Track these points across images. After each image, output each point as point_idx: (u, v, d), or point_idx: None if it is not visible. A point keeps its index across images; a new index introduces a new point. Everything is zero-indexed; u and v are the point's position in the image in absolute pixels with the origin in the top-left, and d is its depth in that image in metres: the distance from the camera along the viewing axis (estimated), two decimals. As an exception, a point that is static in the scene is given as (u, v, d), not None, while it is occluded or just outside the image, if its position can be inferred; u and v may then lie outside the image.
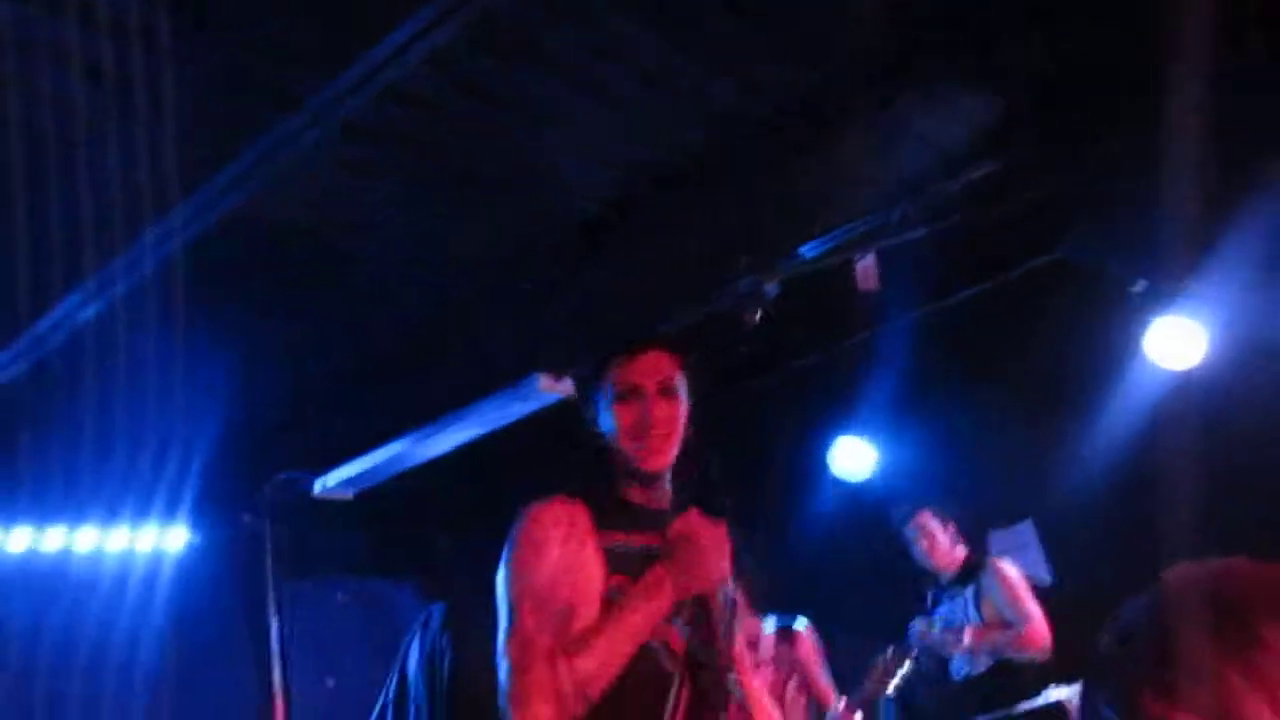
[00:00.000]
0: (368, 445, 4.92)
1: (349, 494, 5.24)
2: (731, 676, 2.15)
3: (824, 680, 4.16)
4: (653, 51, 2.90)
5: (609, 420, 2.15)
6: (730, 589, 2.23)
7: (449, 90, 2.82)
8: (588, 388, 2.23)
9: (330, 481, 5.12)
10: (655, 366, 2.15)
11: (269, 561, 5.00)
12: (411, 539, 5.86)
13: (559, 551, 2.04)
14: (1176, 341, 4.05)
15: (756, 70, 3.14)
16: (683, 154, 3.46)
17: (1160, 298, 4.05)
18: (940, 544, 4.40)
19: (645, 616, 2.00)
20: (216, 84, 2.57)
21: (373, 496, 5.28)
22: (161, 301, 3.34)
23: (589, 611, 2.01)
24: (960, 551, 4.42)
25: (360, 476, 5.08)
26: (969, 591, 4.36)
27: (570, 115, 3.08)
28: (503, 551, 2.10)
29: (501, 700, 1.95)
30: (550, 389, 4.33)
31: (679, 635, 2.09)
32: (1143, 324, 4.07)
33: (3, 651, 4.63)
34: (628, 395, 2.13)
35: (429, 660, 3.72)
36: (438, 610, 3.90)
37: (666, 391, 2.15)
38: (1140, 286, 4.10)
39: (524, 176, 3.36)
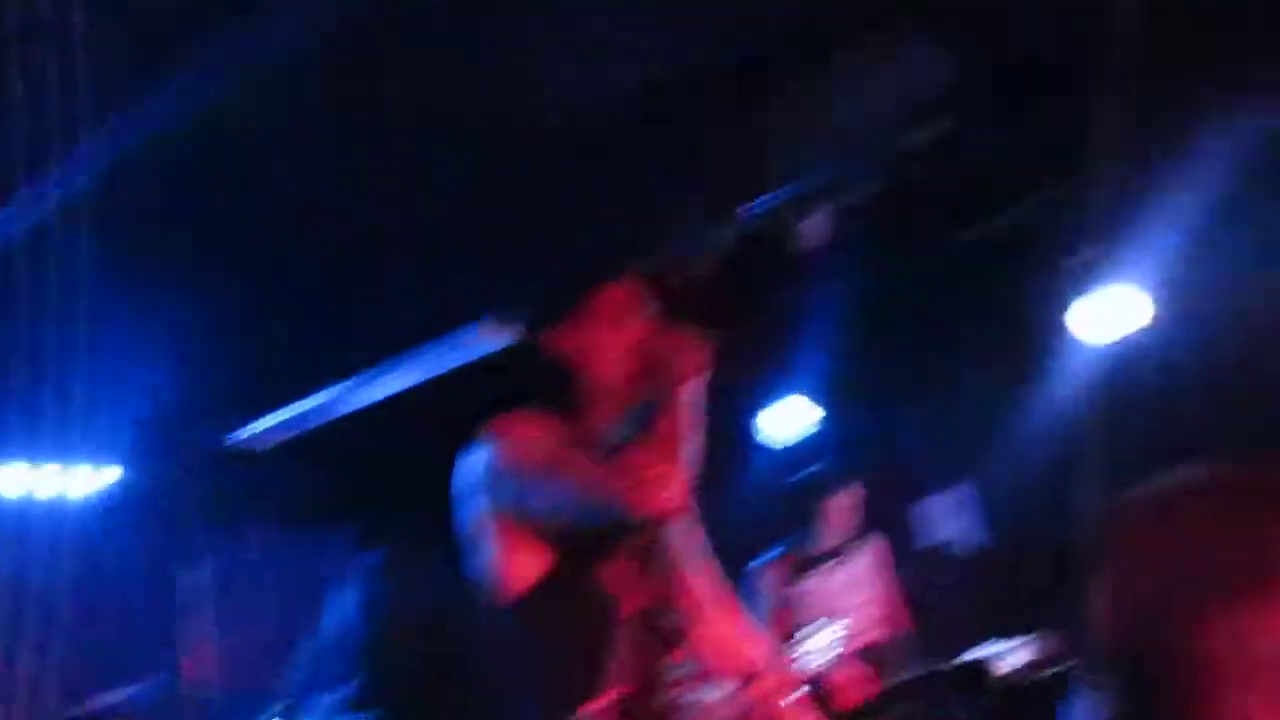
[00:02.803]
0: (299, 391, 4.79)
1: (278, 441, 5.11)
2: (676, 617, 2.12)
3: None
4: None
5: (599, 345, 2.09)
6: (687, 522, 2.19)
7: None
8: (565, 311, 2.15)
9: (258, 428, 4.99)
10: (640, 290, 2.12)
11: (189, 510, 4.89)
12: (345, 487, 5.74)
13: (555, 432, 2.01)
14: (1114, 310, 4.12)
15: (709, 22, 3.09)
16: (629, 101, 3.40)
17: (1099, 266, 4.11)
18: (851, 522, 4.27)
19: None
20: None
21: (304, 443, 5.15)
22: (68, 241, 3.20)
23: None
24: None
25: (290, 423, 4.95)
26: (845, 564, 4.25)
27: (526, 48, 2.99)
28: (489, 457, 2.03)
29: (617, 503, 1.90)
30: (490, 335, 4.25)
31: (622, 576, 2.05)
32: (1082, 291, 4.13)
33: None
34: (625, 317, 2.08)
35: (367, 607, 3.66)
36: (375, 558, 3.83)
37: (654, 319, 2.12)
38: (1082, 254, 4.15)
39: (467, 107, 3.26)
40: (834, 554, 4.20)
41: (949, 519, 4.69)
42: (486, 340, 4.21)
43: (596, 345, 2.11)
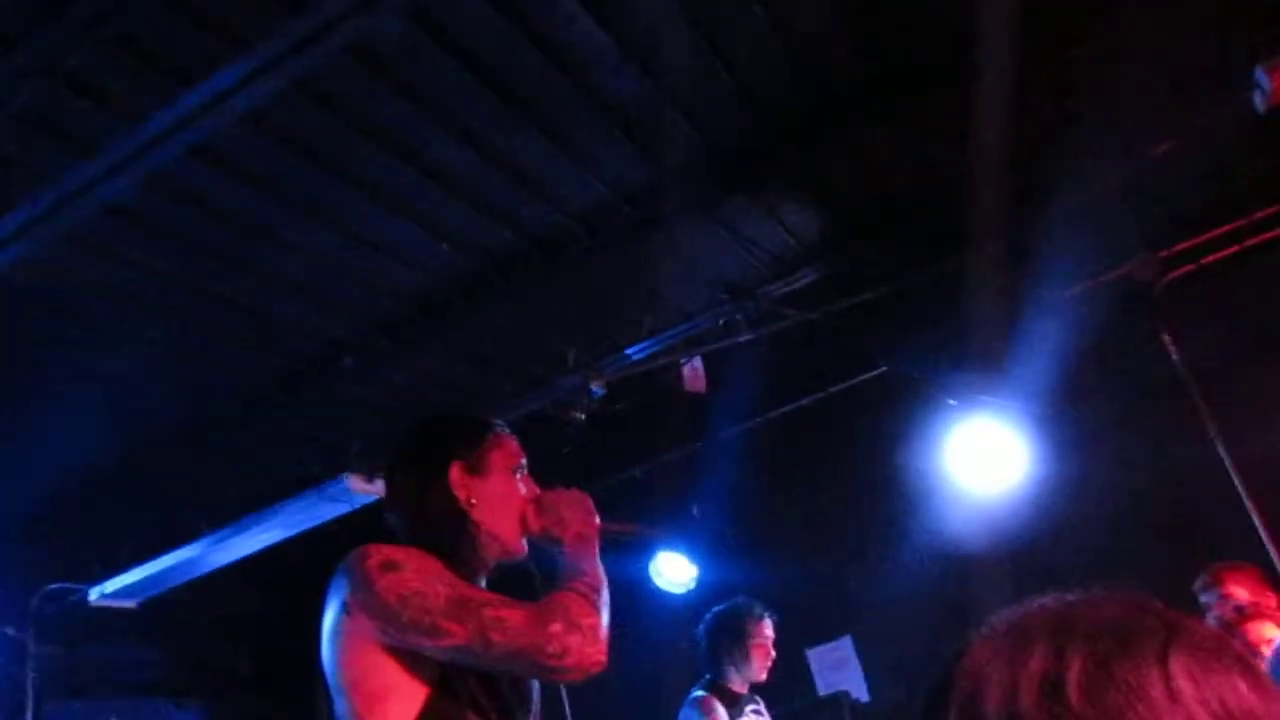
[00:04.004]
0: (155, 549, 4.50)
1: (132, 603, 4.77)
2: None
3: None
4: (479, 137, 2.83)
5: (492, 494, 2.01)
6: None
7: (265, 151, 2.66)
8: (449, 462, 2.05)
9: (109, 589, 4.65)
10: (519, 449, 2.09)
11: (31, 680, 4.50)
12: (203, 655, 5.38)
13: (420, 562, 1.87)
14: (984, 456, 4.17)
15: (588, 165, 3.11)
16: (506, 245, 3.38)
17: (971, 411, 4.17)
18: (771, 656, 4.26)
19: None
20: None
21: (159, 606, 4.82)
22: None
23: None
24: None
25: (145, 583, 4.63)
26: (759, 708, 4.25)
27: (397, 196, 2.96)
28: (359, 588, 1.86)
29: (549, 652, 1.78)
30: (362, 490, 4.09)
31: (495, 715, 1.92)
32: (955, 436, 4.18)
33: None
34: (518, 470, 2.05)
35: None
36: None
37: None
38: (954, 400, 4.22)
39: (334, 264, 3.20)
40: (757, 688, 4.19)
41: (829, 672, 4.59)
42: (352, 495, 4.05)
43: (486, 495, 2.04)
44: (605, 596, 1.92)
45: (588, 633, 1.80)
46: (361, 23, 2.10)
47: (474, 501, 2.03)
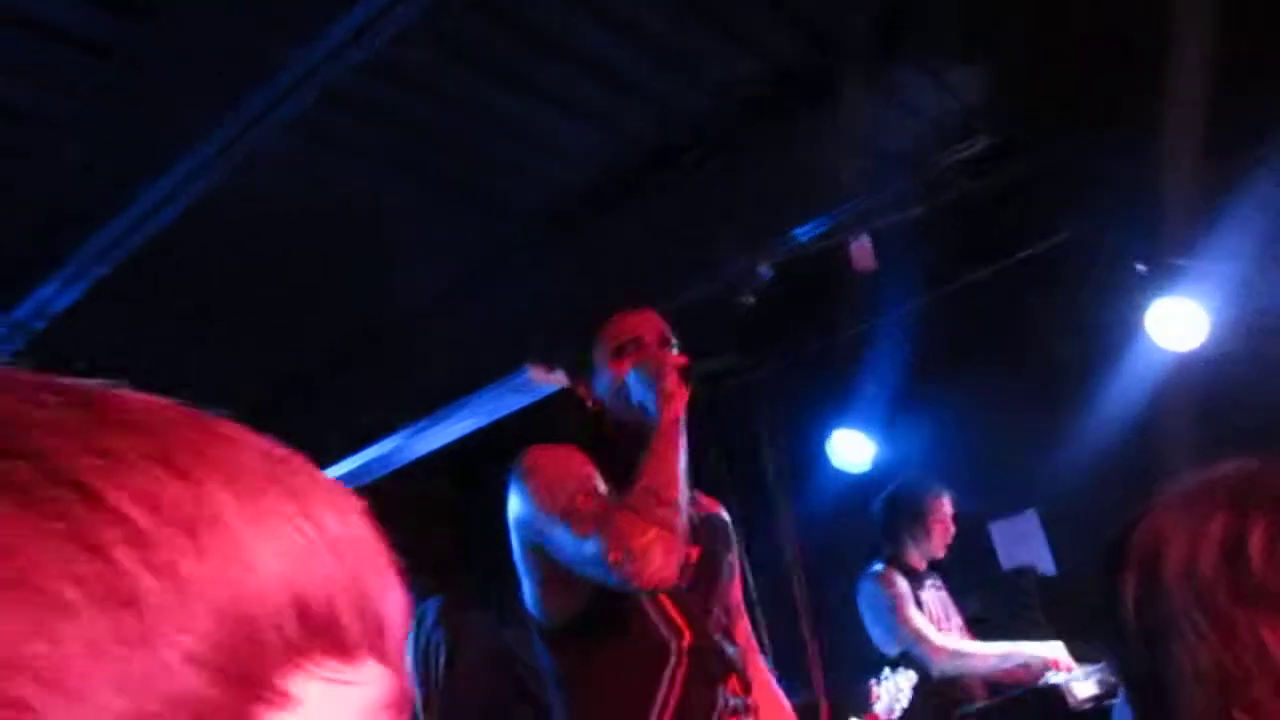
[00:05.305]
0: (358, 443, 4.83)
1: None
2: (731, 648, 2.07)
3: None
4: (638, 19, 2.83)
5: (607, 381, 2.09)
6: (733, 558, 2.17)
7: (429, 64, 2.74)
8: (584, 356, 2.15)
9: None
10: (651, 320, 2.10)
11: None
12: (401, 536, 5.75)
13: (584, 468, 1.99)
14: (1178, 322, 3.98)
15: (745, 41, 3.07)
16: (669, 131, 3.39)
17: (1163, 278, 3.97)
18: (951, 533, 4.27)
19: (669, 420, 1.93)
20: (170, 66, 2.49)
21: (361, 494, 5.16)
22: (127, 295, 3.27)
23: None
24: None
25: (351, 474, 4.99)
26: (939, 583, 4.25)
27: (556, 92, 3.00)
28: (515, 490, 2.01)
29: (608, 572, 1.82)
30: (542, 380, 4.25)
31: (677, 604, 2.01)
32: (1145, 305, 4.00)
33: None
34: (626, 347, 2.06)
35: (423, 655, 3.64)
36: (432, 605, 3.81)
37: (665, 343, 2.09)
38: (1143, 267, 4.02)
39: (505, 158, 3.28)
40: (936, 567, 4.18)
41: (1013, 546, 4.53)
42: (536, 385, 4.21)
43: (600, 393, 2.11)
44: (670, 491, 1.86)
45: (638, 557, 1.78)
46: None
47: (594, 402, 2.11)
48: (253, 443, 0.42)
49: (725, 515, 2.25)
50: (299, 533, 0.39)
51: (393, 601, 0.43)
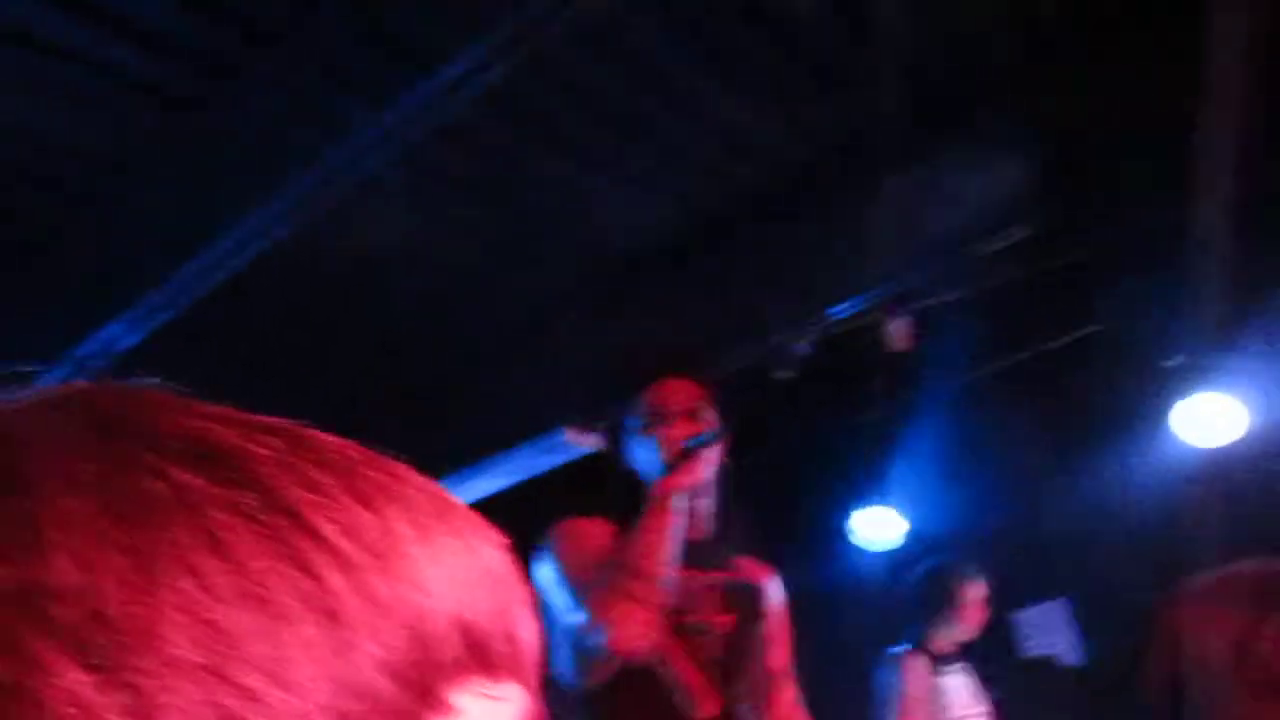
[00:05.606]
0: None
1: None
2: (749, 709, 2.10)
3: None
4: (694, 93, 2.94)
5: (638, 451, 2.15)
6: (767, 626, 2.19)
7: (494, 129, 2.86)
8: (618, 425, 2.23)
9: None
10: (681, 392, 2.15)
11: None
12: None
13: (601, 541, 2.04)
14: (1212, 417, 3.99)
15: (797, 116, 3.18)
16: (716, 203, 3.49)
17: (1195, 372, 4.00)
18: (983, 618, 4.05)
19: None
20: (270, 109, 2.62)
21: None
22: (191, 337, 3.37)
23: None
24: None
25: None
26: (967, 668, 4.09)
27: (609, 160, 3.12)
28: (541, 560, 2.08)
29: (580, 639, 1.92)
30: (578, 441, 4.31)
31: (707, 674, 2.04)
32: (1176, 399, 4.02)
33: None
34: (655, 421, 2.12)
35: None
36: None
37: (693, 415, 2.14)
38: (1175, 360, 4.05)
39: (558, 222, 3.39)
40: (965, 650, 4.02)
41: (1043, 633, 4.51)
42: (570, 446, 4.27)
43: (632, 463, 2.18)
44: (647, 564, 1.92)
45: (607, 628, 1.91)
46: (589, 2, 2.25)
47: (627, 469, 2.18)
48: (419, 481, 0.49)
49: (767, 582, 2.28)
50: (464, 563, 0.46)
51: (531, 629, 0.49)
